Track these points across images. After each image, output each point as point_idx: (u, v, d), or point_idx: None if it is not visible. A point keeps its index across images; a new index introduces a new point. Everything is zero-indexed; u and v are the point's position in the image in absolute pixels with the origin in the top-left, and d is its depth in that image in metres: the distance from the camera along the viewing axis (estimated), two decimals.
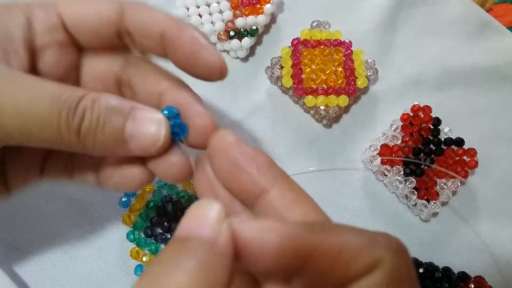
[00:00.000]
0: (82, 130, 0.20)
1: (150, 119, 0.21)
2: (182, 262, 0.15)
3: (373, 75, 0.39)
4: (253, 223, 0.16)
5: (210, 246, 0.15)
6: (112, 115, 0.20)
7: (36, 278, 0.32)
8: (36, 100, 0.19)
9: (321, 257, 0.15)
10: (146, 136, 0.20)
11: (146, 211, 0.34)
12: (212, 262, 0.15)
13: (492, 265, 0.35)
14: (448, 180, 0.36)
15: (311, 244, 0.15)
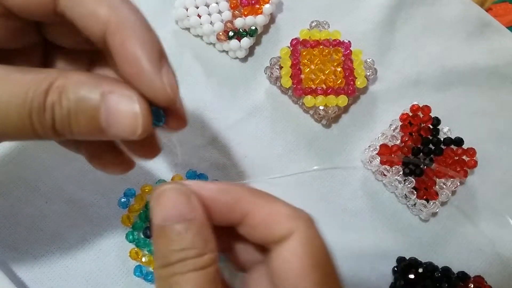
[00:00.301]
0: (57, 126, 0.19)
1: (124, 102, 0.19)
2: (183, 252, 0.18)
3: (372, 75, 0.39)
4: (211, 185, 0.20)
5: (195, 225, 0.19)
6: (83, 106, 0.19)
7: (35, 279, 0.32)
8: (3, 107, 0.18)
9: (256, 214, 0.20)
10: (123, 124, 0.19)
11: (145, 211, 0.34)
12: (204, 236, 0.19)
13: (492, 265, 0.35)
14: (447, 180, 0.36)
15: (252, 202, 0.20)
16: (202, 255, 0.18)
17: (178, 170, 0.36)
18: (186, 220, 0.19)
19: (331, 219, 0.36)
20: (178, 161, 0.36)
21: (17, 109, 0.18)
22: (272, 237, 0.20)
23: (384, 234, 0.36)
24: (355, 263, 0.35)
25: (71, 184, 0.35)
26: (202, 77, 0.39)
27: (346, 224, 0.36)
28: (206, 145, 0.37)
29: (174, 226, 0.18)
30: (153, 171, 0.36)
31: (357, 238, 0.36)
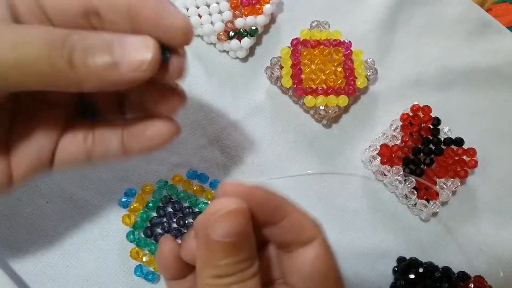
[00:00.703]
0: (74, 59, 0.20)
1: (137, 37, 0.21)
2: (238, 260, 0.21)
3: (373, 75, 0.39)
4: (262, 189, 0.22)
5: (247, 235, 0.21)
6: (101, 42, 0.21)
7: (36, 278, 0.32)
8: (28, 33, 0.20)
9: (290, 219, 0.22)
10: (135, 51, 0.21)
11: (146, 211, 0.34)
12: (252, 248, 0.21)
13: (492, 265, 0.36)
14: (447, 180, 0.36)
15: (289, 208, 0.22)
16: (254, 264, 0.21)
17: (178, 170, 0.36)
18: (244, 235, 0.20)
19: (331, 219, 0.36)
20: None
21: (42, 35, 0.20)
22: (301, 239, 0.22)
23: (385, 234, 0.36)
24: (355, 263, 0.35)
25: (72, 184, 0.35)
26: (202, 77, 0.39)
27: (346, 224, 0.36)
28: (207, 145, 0.37)
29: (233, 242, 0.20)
30: (154, 171, 0.36)
31: (357, 238, 0.36)
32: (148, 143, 0.25)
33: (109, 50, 0.20)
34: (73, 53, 0.20)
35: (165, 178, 0.35)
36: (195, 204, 0.35)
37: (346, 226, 0.36)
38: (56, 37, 0.20)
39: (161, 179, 0.35)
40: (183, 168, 0.36)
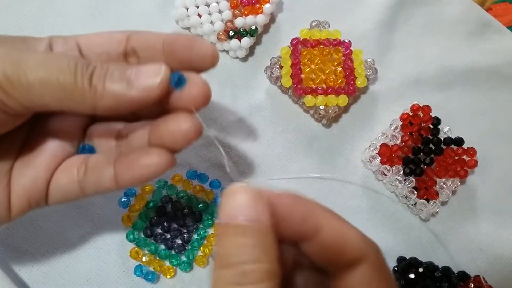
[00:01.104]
0: (94, 79, 0.22)
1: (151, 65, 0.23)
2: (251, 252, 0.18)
3: (373, 75, 0.39)
4: (285, 194, 0.20)
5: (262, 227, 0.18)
6: (119, 67, 0.23)
7: (36, 278, 0.32)
8: (55, 56, 0.22)
9: (329, 230, 0.19)
10: (148, 75, 0.23)
11: (146, 211, 0.34)
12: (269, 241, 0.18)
13: (492, 265, 0.36)
14: (447, 180, 0.36)
15: (324, 219, 0.19)
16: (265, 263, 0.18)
17: (178, 170, 0.36)
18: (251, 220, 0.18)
19: None
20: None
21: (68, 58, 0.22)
22: (344, 257, 0.19)
23: (384, 234, 0.36)
24: None
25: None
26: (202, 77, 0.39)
27: None
28: (207, 144, 0.37)
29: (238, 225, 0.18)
30: None
31: None
32: (140, 172, 0.25)
33: (125, 75, 0.23)
34: (93, 75, 0.22)
35: (165, 178, 0.35)
36: (195, 204, 0.35)
37: None
38: (80, 59, 0.23)
39: (161, 179, 0.35)
40: (183, 168, 0.36)
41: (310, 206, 0.20)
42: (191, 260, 0.33)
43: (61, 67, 0.22)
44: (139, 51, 0.26)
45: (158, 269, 0.33)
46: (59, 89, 0.22)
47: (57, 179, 0.26)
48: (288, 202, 0.19)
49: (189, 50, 0.25)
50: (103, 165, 0.25)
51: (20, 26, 0.39)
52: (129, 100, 0.22)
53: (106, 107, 0.23)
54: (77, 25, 0.40)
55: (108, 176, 0.25)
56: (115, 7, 0.41)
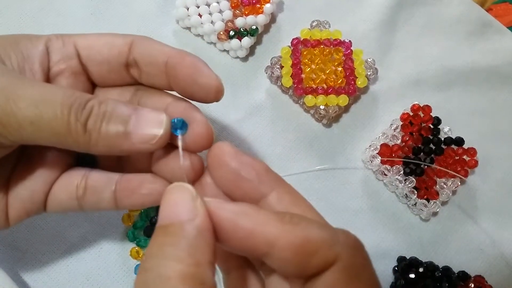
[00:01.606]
0: (89, 124, 0.21)
1: (152, 113, 0.22)
2: (171, 250, 0.16)
3: (373, 75, 0.39)
4: (230, 206, 0.18)
5: (191, 227, 0.17)
6: (117, 111, 0.21)
7: (37, 278, 0.32)
8: (49, 93, 0.21)
9: (285, 245, 0.17)
10: (148, 125, 0.21)
11: (146, 210, 0.34)
12: (196, 242, 0.17)
13: (492, 265, 0.36)
14: (448, 180, 0.36)
15: (277, 232, 0.17)
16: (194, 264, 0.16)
17: None
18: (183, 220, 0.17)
19: (331, 219, 0.35)
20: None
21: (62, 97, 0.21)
22: (308, 271, 0.17)
23: (385, 234, 0.36)
24: None
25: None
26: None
27: (347, 223, 0.36)
28: None
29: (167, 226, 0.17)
30: None
31: None
32: (141, 200, 0.24)
33: (124, 120, 0.21)
34: (89, 119, 0.21)
35: None
36: None
37: (346, 226, 0.36)
38: (76, 100, 0.21)
39: None
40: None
41: (259, 218, 0.18)
42: None
43: (54, 110, 0.20)
44: (141, 64, 0.25)
45: None
46: (51, 132, 0.20)
47: (55, 193, 0.25)
48: (230, 217, 0.18)
49: (193, 82, 0.24)
50: (103, 186, 0.25)
51: (21, 26, 0.39)
52: (126, 150, 0.21)
53: (100, 152, 0.22)
54: (78, 25, 0.40)
55: (107, 198, 0.25)
56: (116, 7, 0.41)
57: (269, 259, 0.18)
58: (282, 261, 0.17)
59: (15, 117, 0.20)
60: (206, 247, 0.17)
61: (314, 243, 0.17)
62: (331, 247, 0.17)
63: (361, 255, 0.18)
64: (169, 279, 0.16)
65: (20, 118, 0.20)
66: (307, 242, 0.17)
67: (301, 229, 0.18)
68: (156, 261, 0.16)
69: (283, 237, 0.17)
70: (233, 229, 0.18)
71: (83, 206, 0.25)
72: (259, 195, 0.20)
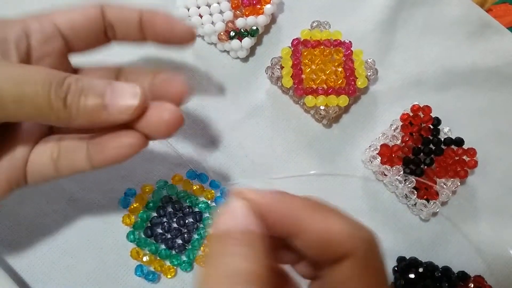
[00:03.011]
0: (68, 99, 0.22)
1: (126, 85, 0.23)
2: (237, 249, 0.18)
3: (373, 75, 0.39)
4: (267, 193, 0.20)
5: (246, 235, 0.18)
6: (93, 85, 0.23)
7: (37, 278, 0.32)
8: (29, 73, 0.22)
9: (312, 230, 0.19)
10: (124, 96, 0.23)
11: (146, 211, 0.34)
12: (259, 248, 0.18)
13: (492, 265, 0.36)
14: (447, 180, 0.36)
15: (308, 216, 0.19)
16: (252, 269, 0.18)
17: (178, 170, 0.36)
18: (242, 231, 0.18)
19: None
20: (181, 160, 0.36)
21: (42, 76, 0.22)
22: (328, 256, 0.19)
23: (385, 234, 0.36)
24: None
25: (72, 184, 0.35)
26: (203, 77, 0.39)
27: None
28: (207, 144, 0.37)
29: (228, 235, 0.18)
30: (154, 171, 0.36)
31: None
32: (113, 153, 0.25)
33: (100, 94, 0.22)
34: (68, 94, 0.22)
35: (165, 178, 0.35)
36: (195, 204, 0.35)
37: None
38: (54, 78, 0.22)
39: (161, 179, 0.35)
40: (183, 168, 0.36)
41: (292, 204, 0.19)
42: (191, 259, 0.33)
43: (35, 89, 0.21)
44: (116, 26, 0.27)
45: (158, 269, 0.33)
46: (33, 109, 0.22)
47: (33, 159, 0.26)
48: (268, 202, 0.19)
49: (170, 31, 0.27)
50: (76, 146, 0.25)
51: None
52: (104, 121, 0.23)
53: (81, 125, 0.23)
54: None
55: (81, 158, 0.25)
56: None
57: (297, 240, 0.19)
58: (308, 244, 0.19)
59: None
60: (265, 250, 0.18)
61: (336, 233, 0.19)
62: (351, 239, 0.19)
63: (376, 250, 0.20)
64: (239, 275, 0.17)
65: (3, 97, 0.21)
66: (330, 231, 0.19)
67: (327, 218, 0.19)
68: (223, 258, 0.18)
69: (311, 223, 0.19)
70: (272, 214, 0.19)
71: (59, 169, 0.26)
72: None
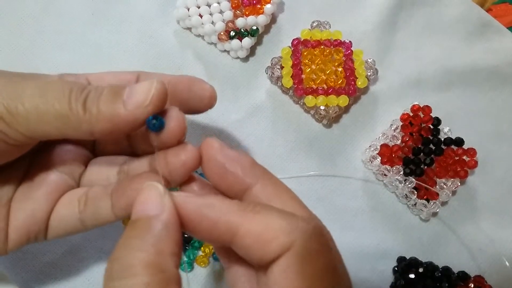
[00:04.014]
0: (88, 102, 0.22)
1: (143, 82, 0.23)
2: (136, 242, 0.18)
3: (373, 75, 0.39)
4: (196, 199, 0.20)
5: (156, 221, 0.19)
6: (113, 89, 0.23)
7: (37, 278, 0.33)
8: (51, 82, 0.22)
9: (246, 234, 0.19)
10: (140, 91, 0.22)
11: None
12: (161, 234, 0.18)
13: (492, 265, 0.36)
14: (447, 180, 0.36)
15: (239, 220, 0.19)
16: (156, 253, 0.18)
17: None
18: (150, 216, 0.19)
19: (331, 219, 0.36)
20: None
21: (62, 84, 0.22)
22: (268, 257, 0.19)
23: (385, 234, 0.36)
24: (355, 263, 0.35)
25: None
26: (203, 77, 0.39)
27: (347, 223, 0.36)
28: None
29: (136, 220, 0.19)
30: None
31: (357, 238, 0.36)
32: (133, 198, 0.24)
33: (118, 92, 0.22)
34: (87, 98, 0.22)
35: None
36: None
37: (346, 226, 0.36)
38: (75, 85, 0.22)
39: None
40: None
41: (222, 210, 0.19)
42: (191, 259, 0.33)
43: (56, 94, 0.22)
44: None
45: None
46: (55, 115, 0.22)
47: (58, 211, 0.25)
48: (196, 209, 0.19)
49: (189, 90, 0.26)
50: (101, 195, 0.25)
51: (22, 26, 0.39)
52: (124, 120, 0.22)
53: (103, 130, 0.22)
54: (79, 25, 0.40)
55: (105, 207, 0.25)
56: (116, 7, 0.41)
57: (234, 246, 0.19)
58: (245, 248, 0.19)
59: (23, 105, 0.21)
60: (169, 239, 0.18)
61: (272, 231, 0.18)
62: (288, 234, 0.18)
63: (317, 241, 0.19)
64: (132, 267, 0.18)
65: (27, 105, 0.21)
66: (265, 230, 0.19)
67: (260, 218, 0.19)
68: (123, 252, 0.18)
69: (244, 225, 0.19)
70: (200, 220, 0.19)
71: (85, 221, 0.25)
72: (244, 187, 0.22)
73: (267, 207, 0.20)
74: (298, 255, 0.18)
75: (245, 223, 0.19)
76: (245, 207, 0.19)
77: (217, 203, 0.20)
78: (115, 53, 0.39)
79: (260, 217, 0.19)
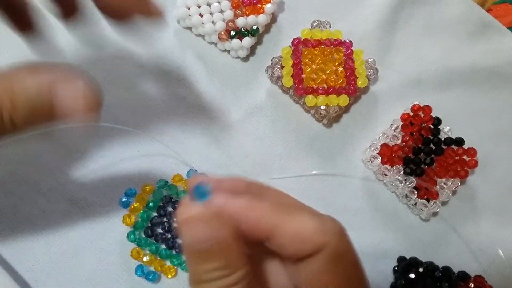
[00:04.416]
0: None
1: None
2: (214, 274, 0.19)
3: (374, 75, 0.39)
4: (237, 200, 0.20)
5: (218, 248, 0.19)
6: None
7: (38, 278, 0.32)
8: None
9: (283, 234, 0.20)
10: None
11: (146, 211, 0.34)
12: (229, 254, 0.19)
13: (492, 265, 0.36)
14: (448, 180, 0.36)
15: (276, 222, 0.20)
16: (232, 273, 0.19)
17: (178, 170, 0.36)
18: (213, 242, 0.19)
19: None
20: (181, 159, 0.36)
21: None
22: (302, 254, 0.20)
23: (385, 234, 0.36)
24: None
25: (73, 184, 0.35)
26: (203, 77, 0.39)
27: (347, 223, 0.36)
28: (207, 144, 0.37)
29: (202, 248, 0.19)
30: (154, 171, 0.36)
31: (357, 238, 0.35)
32: None
33: None
34: None
35: (165, 178, 0.35)
36: None
37: (346, 226, 0.36)
38: None
39: (161, 179, 0.35)
40: (183, 168, 0.36)
41: (261, 210, 0.20)
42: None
43: None
44: None
45: (159, 269, 0.33)
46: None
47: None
48: (240, 208, 0.20)
49: None
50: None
51: None
52: None
53: None
54: (78, 25, 0.40)
55: None
56: None
57: (270, 243, 0.20)
58: (279, 245, 0.20)
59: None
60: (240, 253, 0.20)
61: (306, 232, 0.20)
62: (321, 235, 0.20)
63: (345, 241, 0.21)
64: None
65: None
66: (301, 230, 0.20)
67: (296, 218, 0.20)
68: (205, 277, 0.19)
69: (281, 225, 0.20)
70: (243, 219, 0.20)
71: None
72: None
73: (298, 207, 0.21)
74: (331, 255, 0.20)
75: (282, 223, 0.20)
76: (280, 207, 0.20)
77: (257, 204, 0.20)
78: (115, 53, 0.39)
79: (294, 217, 0.20)
